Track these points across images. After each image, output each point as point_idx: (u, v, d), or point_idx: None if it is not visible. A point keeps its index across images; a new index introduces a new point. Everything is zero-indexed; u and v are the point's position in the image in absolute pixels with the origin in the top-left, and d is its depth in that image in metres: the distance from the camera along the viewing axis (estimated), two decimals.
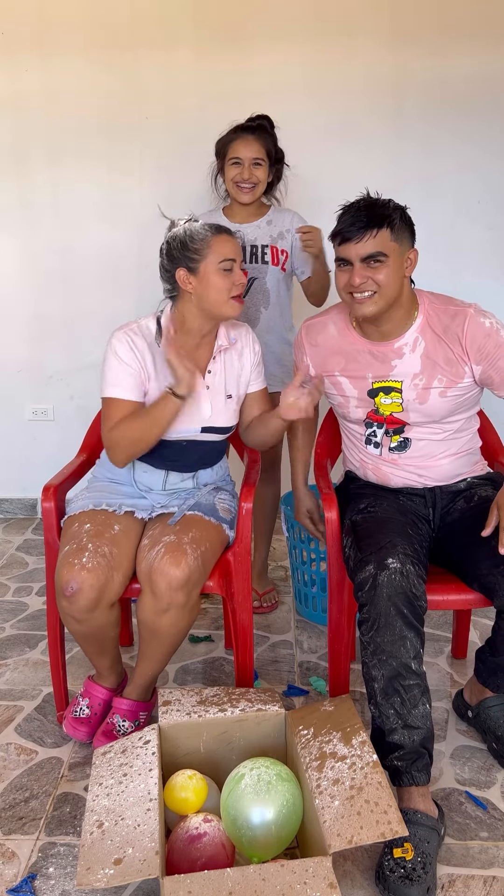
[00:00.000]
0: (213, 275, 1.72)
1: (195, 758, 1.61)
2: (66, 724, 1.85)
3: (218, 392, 1.84)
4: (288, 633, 2.39)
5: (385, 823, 1.30)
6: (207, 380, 1.82)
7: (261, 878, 1.23)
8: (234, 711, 1.61)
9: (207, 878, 1.22)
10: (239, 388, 1.89)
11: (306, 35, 2.82)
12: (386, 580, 1.53)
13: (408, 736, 1.52)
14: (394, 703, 1.52)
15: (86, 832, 1.34)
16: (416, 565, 1.57)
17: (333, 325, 1.83)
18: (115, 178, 2.99)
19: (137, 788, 1.42)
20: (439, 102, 2.88)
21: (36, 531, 3.22)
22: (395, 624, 1.52)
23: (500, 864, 1.50)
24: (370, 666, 1.55)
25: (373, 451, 1.84)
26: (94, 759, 1.54)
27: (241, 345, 1.89)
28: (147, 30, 2.84)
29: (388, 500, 1.80)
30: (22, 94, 2.92)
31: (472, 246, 3.01)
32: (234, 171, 2.23)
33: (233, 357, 1.88)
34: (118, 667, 1.88)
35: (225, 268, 1.72)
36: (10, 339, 3.19)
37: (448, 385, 1.72)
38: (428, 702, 1.54)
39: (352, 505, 1.83)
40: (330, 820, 1.33)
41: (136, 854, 1.27)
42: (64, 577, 1.66)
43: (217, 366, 1.84)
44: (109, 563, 1.69)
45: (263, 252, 2.28)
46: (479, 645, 2.26)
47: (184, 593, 1.65)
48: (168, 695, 1.68)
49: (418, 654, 1.53)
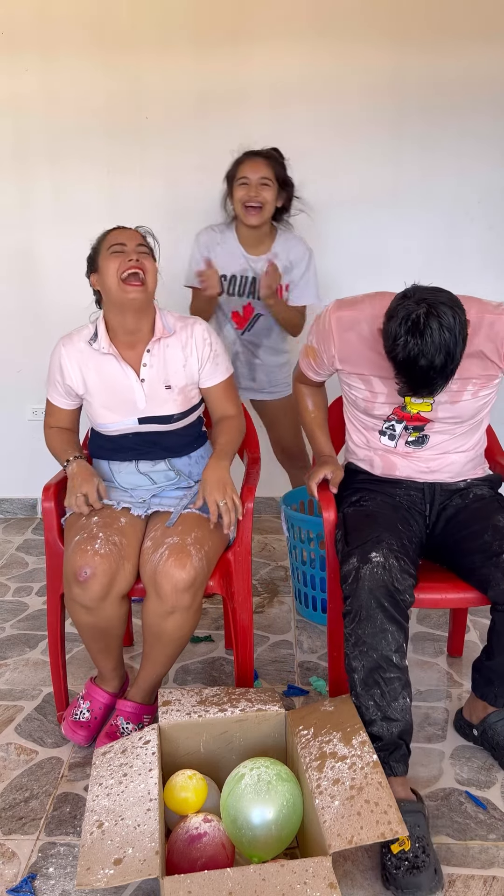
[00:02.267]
0: (105, 261, 1.78)
1: (195, 758, 1.61)
2: (64, 727, 1.84)
3: (154, 383, 1.85)
4: (288, 633, 2.39)
5: (385, 823, 1.30)
6: (142, 373, 1.85)
7: (261, 878, 1.23)
8: (234, 711, 1.61)
9: (207, 878, 1.22)
10: (184, 379, 1.88)
11: (306, 35, 2.82)
12: (368, 573, 1.55)
13: (386, 728, 1.55)
14: (373, 694, 1.55)
15: (86, 832, 1.34)
16: (401, 559, 1.58)
17: (367, 325, 1.72)
18: (115, 177, 2.99)
19: (137, 788, 1.42)
20: (439, 102, 2.88)
21: (36, 531, 3.22)
22: (376, 617, 1.54)
23: (500, 864, 1.50)
24: (351, 657, 1.58)
25: (387, 443, 1.82)
26: (95, 759, 1.54)
27: (185, 336, 1.88)
28: (147, 30, 2.84)
29: (382, 495, 1.81)
30: (22, 94, 2.92)
31: (472, 246, 3.01)
32: (242, 191, 2.24)
33: (174, 348, 1.87)
34: (121, 669, 1.88)
35: (114, 251, 1.78)
36: (10, 339, 3.19)
37: (481, 386, 1.73)
38: (408, 695, 1.56)
39: (347, 498, 1.83)
40: (330, 820, 1.33)
41: (135, 854, 1.27)
42: (77, 563, 1.67)
43: (152, 358, 1.86)
44: (120, 551, 1.71)
45: None
46: (479, 645, 2.27)
47: (189, 595, 1.65)
48: (168, 695, 1.68)
49: (400, 647, 1.55)
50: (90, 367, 1.86)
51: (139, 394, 1.85)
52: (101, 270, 1.80)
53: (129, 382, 1.85)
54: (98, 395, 1.87)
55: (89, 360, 1.86)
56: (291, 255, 2.36)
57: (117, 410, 1.86)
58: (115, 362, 1.85)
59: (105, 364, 1.86)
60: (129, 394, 1.85)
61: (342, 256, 3.00)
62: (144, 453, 1.89)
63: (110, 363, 1.85)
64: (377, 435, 1.83)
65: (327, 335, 1.80)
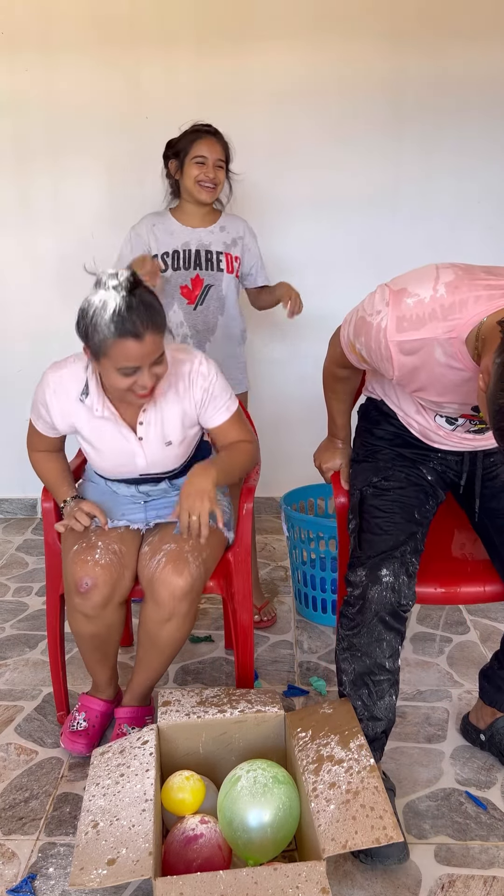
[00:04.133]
0: (112, 374, 1.56)
1: (194, 758, 1.61)
2: (63, 741, 1.80)
3: (152, 442, 1.73)
4: (288, 633, 2.39)
5: (380, 829, 1.29)
6: (140, 431, 1.72)
7: (253, 881, 1.22)
8: (233, 712, 1.60)
9: (199, 880, 1.22)
10: (184, 431, 1.76)
11: (306, 35, 2.82)
12: (376, 597, 1.51)
13: (371, 727, 1.56)
14: (361, 695, 1.55)
15: (81, 832, 1.34)
16: (410, 566, 1.55)
17: (441, 348, 1.35)
18: (116, 177, 2.99)
19: (134, 789, 1.42)
20: (439, 102, 2.87)
21: (36, 531, 3.22)
22: (376, 629, 1.52)
23: (500, 864, 1.50)
24: (341, 659, 1.57)
25: (445, 426, 1.60)
26: (93, 758, 1.54)
27: (183, 387, 1.71)
28: (147, 29, 2.83)
29: (406, 472, 1.65)
30: (22, 93, 2.92)
31: (472, 246, 3.01)
32: (198, 169, 2.20)
33: (171, 403, 1.71)
34: (115, 679, 1.87)
35: (125, 373, 1.55)
36: (11, 339, 3.19)
37: None
38: (395, 693, 1.56)
39: (368, 466, 1.69)
40: (325, 824, 1.32)
41: (129, 854, 1.27)
42: (77, 574, 1.66)
43: (150, 416, 1.71)
44: (120, 560, 1.70)
45: (219, 259, 2.28)
46: (479, 645, 2.27)
47: (187, 602, 1.65)
48: (168, 695, 1.67)
49: (395, 652, 1.54)
50: (83, 423, 1.72)
51: (139, 455, 1.74)
52: (105, 372, 1.57)
53: (129, 445, 1.73)
54: (97, 449, 1.76)
55: (81, 415, 1.71)
56: (239, 230, 2.33)
57: (117, 469, 1.78)
58: (112, 425, 1.71)
59: (100, 425, 1.72)
60: (129, 456, 1.75)
61: (342, 256, 3.00)
62: (145, 482, 1.85)
63: (106, 425, 1.71)
64: (433, 418, 1.61)
65: (384, 360, 1.43)
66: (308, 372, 3.02)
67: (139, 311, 1.49)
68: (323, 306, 2.63)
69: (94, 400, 1.68)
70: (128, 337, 1.49)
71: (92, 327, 1.51)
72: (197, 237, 2.27)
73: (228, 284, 2.31)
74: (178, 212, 2.31)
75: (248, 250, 2.34)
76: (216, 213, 2.33)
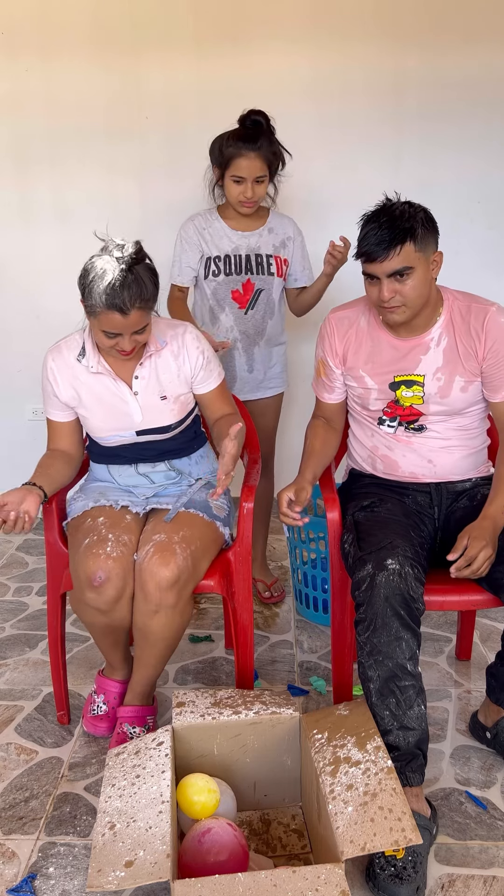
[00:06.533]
0: (98, 332, 1.70)
1: (209, 760, 1.60)
2: (85, 724, 1.88)
3: (148, 395, 1.82)
4: (288, 633, 2.39)
5: (399, 831, 1.28)
6: (135, 386, 1.81)
7: (272, 883, 1.22)
8: (248, 714, 1.60)
9: (218, 883, 1.21)
10: (178, 388, 1.85)
11: (306, 36, 2.82)
12: (384, 581, 1.53)
13: (403, 737, 1.53)
14: (389, 704, 1.53)
15: (97, 834, 1.33)
16: (415, 567, 1.57)
17: (364, 318, 1.84)
18: (116, 177, 2.98)
19: (150, 790, 1.41)
20: (439, 103, 2.87)
21: (36, 531, 3.22)
22: (392, 625, 1.52)
23: (500, 864, 1.50)
24: (366, 666, 1.55)
25: (387, 430, 1.83)
26: (108, 759, 1.53)
27: (178, 346, 1.84)
28: (147, 30, 2.83)
29: (392, 501, 1.80)
30: (22, 94, 2.92)
31: (472, 246, 3.01)
32: (237, 189, 2.18)
33: (166, 359, 1.83)
34: (130, 659, 1.90)
35: (108, 336, 1.69)
36: (11, 339, 3.19)
37: (469, 380, 1.75)
38: (423, 703, 1.54)
39: (355, 502, 1.82)
40: (343, 826, 1.31)
41: (147, 857, 1.26)
42: (90, 568, 1.66)
43: (145, 370, 1.81)
44: (131, 551, 1.72)
45: (269, 262, 2.29)
46: (479, 646, 2.27)
47: (173, 594, 1.65)
48: (182, 696, 1.66)
49: (414, 654, 1.53)
50: (82, 383, 1.82)
51: (134, 408, 1.82)
52: (94, 330, 1.71)
53: (123, 398, 1.82)
54: (93, 411, 1.84)
55: (80, 375, 1.82)
56: (287, 230, 2.33)
57: (114, 425, 1.84)
58: (108, 379, 1.81)
59: (97, 381, 1.82)
60: (124, 408, 1.82)
61: None
62: (143, 458, 1.89)
63: (102, 380, 1.82)
64: (378, 426, 1.85)
65: (328, 337, 1.88)
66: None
67: (131, 289, 1.62)
68: (323, 306, 2.63)
69: (91, 358, 1.80)
70: (114, 310, 1.62)
71: (88, 290, 1.65)
72: (247, 241, 2.28)
73: (278, 288, 2.34)
74: (227, 212, 2.30)
75: (297, 251, 2.35)
76: (264, 211, 2.33)
